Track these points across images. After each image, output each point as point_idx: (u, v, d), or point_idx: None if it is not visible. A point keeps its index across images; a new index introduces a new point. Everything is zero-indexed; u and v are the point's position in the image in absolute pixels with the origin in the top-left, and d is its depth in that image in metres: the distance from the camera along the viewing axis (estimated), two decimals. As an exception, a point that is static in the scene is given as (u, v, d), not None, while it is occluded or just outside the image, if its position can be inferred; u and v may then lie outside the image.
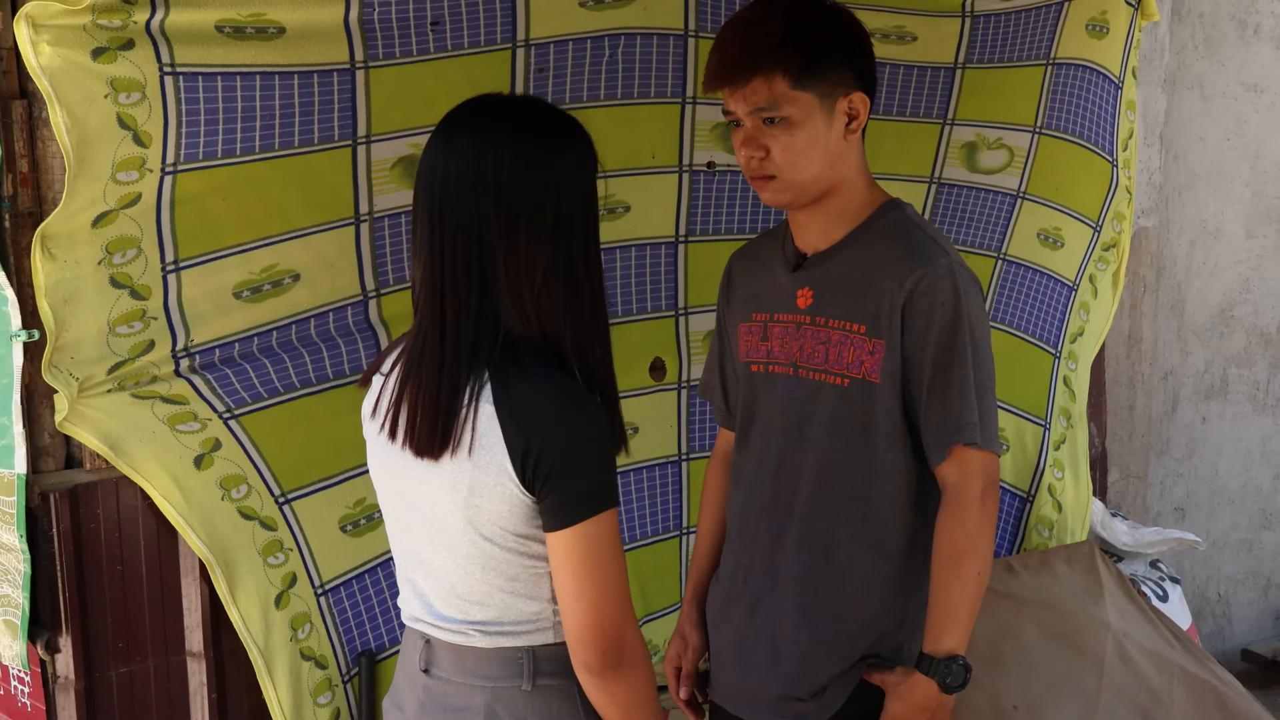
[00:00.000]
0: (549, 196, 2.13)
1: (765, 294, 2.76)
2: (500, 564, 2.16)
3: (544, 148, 2.15)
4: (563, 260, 2.14)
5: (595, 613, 2.10)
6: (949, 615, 2.57)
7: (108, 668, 3.14)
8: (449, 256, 2.12)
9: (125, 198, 2.63)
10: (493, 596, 2.19)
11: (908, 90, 3.72)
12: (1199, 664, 3.75)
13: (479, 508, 2.12)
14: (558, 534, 2.09)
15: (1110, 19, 3.61)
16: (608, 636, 2.11)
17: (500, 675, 2.22)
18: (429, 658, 2.28)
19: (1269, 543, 5.80)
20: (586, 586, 2.09)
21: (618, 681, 2.14)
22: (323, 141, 2.92)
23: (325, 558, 3.13)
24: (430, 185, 2.15)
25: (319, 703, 3.11)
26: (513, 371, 2.11)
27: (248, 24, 2.65)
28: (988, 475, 2.60)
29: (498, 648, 2.21)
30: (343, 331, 3.12)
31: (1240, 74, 5.27)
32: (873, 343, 2.58)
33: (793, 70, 2.52)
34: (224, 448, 2.95)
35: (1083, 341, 4.04)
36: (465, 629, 2.22)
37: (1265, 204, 5.46)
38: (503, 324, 2.13)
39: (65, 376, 2.70)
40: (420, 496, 2.20)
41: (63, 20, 2.42)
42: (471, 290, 2.12)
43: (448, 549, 2.19)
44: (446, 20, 2.96)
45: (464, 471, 2.11)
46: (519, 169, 2.11)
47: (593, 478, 2.11)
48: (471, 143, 2.13)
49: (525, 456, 2.06)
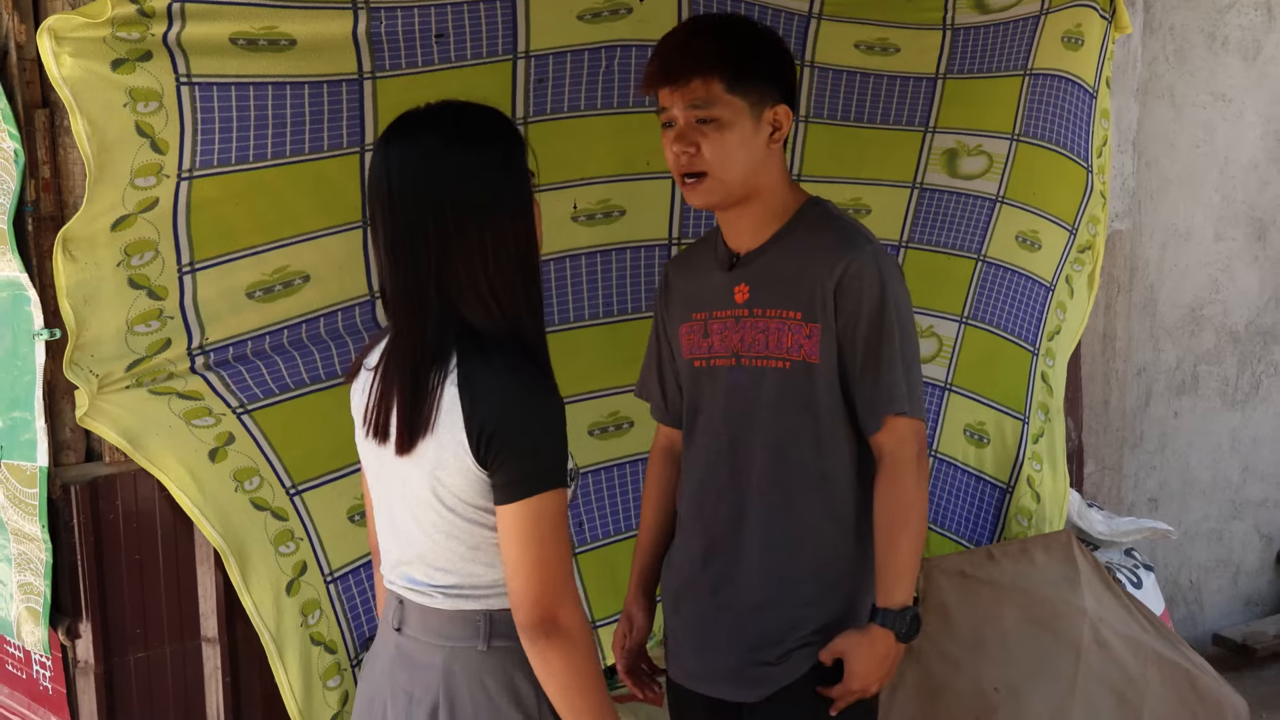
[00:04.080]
0: (482, 190, 2.20)
1: (703, 295, 2.82)
2: (462, 533, 2.24)
3: (471, 146, 2.22)
4: (507, 249, 2.21)
5: (531, 583, 2.17)
6: (898, 571, 2.68)
7: (126, 653, 3.14)
8: (404, 260, 2.20)
9: (143, 202, 2.64)
10: (455, 564, 2.26)
11: (891, 99, 3.73)
12: (1172, 648, 3.76)
13: (441, 480, 2.20)
14: (504, 507, 2.17)
15: (1085, 31, 3.62)
16: (540, 606, 2.17)
17: (459, 636, 2.29)
18: (401, 617, 2.36)
19: (1238, 532, 5.81)
20: (525, 558, 2.16)
21: (550, 650, 2.19)
22: (332, 148, 2.93)
23: (334, 547, 3.14)
24: (376, 195, 2.22)
25: (328, 686, 3.12)
26: (477, 358, 2.18)
27: (260, 36, 2.66)
28: (919, 440, 2.72)
29: (458, 610, 2.28)
30: (350, 330, 3.13)
31: (1209, 84, 5.28)
32: (809, 327, 2.67)
33: (728, 75, 2.62)
34: (237, 441, 2.96)
35: (1060, 339, 4.05)
36: (430, 591, 2.29)
37: (1233, 208, 5.47)
38: (465, 318, 2.20)
39: (85, 373, 2.71)
40: (396, 471, 2.27)
41: (83, 33, 2.43)
42: (428, 290, 2.19)
43: (417, 519, 2.27)
44: (450, 33, 2.97)
45: (430, 448, 2.19)
46: (450, 169, 2.19)
47: (539, 458, 2.18)
48: (405, 151, 2.21)
49: (480, 434, 2.15)
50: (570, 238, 3.47)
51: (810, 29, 3.55)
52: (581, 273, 3.52)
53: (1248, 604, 5.91)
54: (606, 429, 3.66)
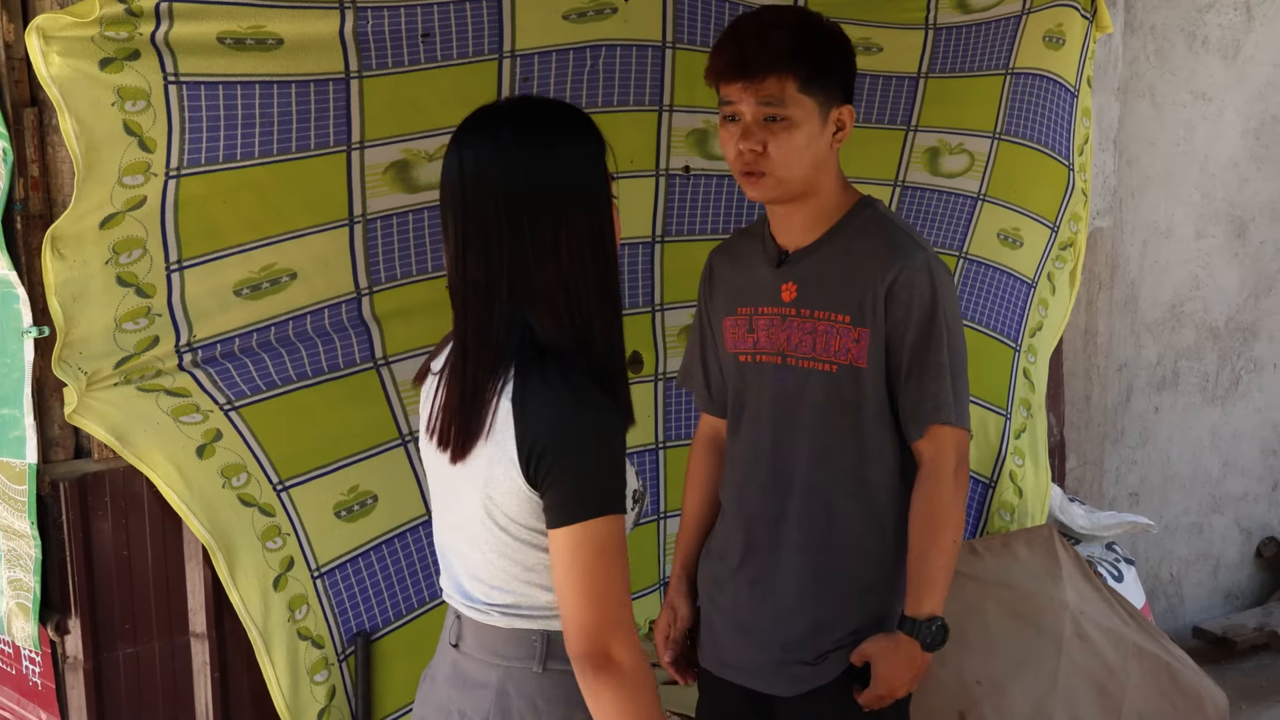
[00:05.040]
0: (557, 187, 2.09)
1: (749, 289, 2.80)
2: (516, 553, 2.13)
3: (547, 141, 2.10)
4: (581, 250, 2.09)
5: (581, 613, 2.04)
6: (928, 580, 2.67)
7: (115, 648, 3.14)
8: (474, 258, 2.08)
9: (131, 200, 2.64)
10: (510, 583, 2.16)
11: (873, 98, 3.73)
12: (1152, 640, 3.77)
13: (492, 499, 2.10)
14: (554, 531, 2.05)
15: (1066, 31, 3.64)
16: (590, 638, 2.04)
17: (514, 655, 2.19)
18: (458, 632, 2.27)
19: (1218, 526, 5.83)
20: (575, 586, 2.04)
21: (600, 684, 2.05)
22: (319, 147, 2.93)
23: (321, 542, 3.14)
24: (448, 191, 2.12)
25: (315, 680, 3.12)
26: (534, 370, 2.06)
27: (248, 36, 2.66)
28: (960, 451, 2.70)
29: (514, 629, 2.18)
30: (337, 327, 3.13)
31: (1189, 83, 5.30)
32: (857, 331, 2.66)
33: (802, 75, 2.59)
34: (225, 438, 2.96)
35: (1041, 336, 4.06)
36: (487, 610, 2.19)
37: (1213, 206, 5.49)
38: (533, 324, 2.08)
39: (74, 371, 2.71)
40: (453, 485, 2.19)
41: (72, 32, 2.43)
42: (499, 289, 2.07)
43: (470, 535, 2.17)
44: (437, 32, 2.97)
45: (482, 463, 2.09)
46: (524, 164, 2.07)
47: (592, 480, 2.05)
48: (480, 148, 2.09)
49: (530, 452, 2.03)
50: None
51: (794, 28, 3.55)
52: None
53: (1227, 597, 5.93)
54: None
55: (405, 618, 3.33)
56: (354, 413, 3.21)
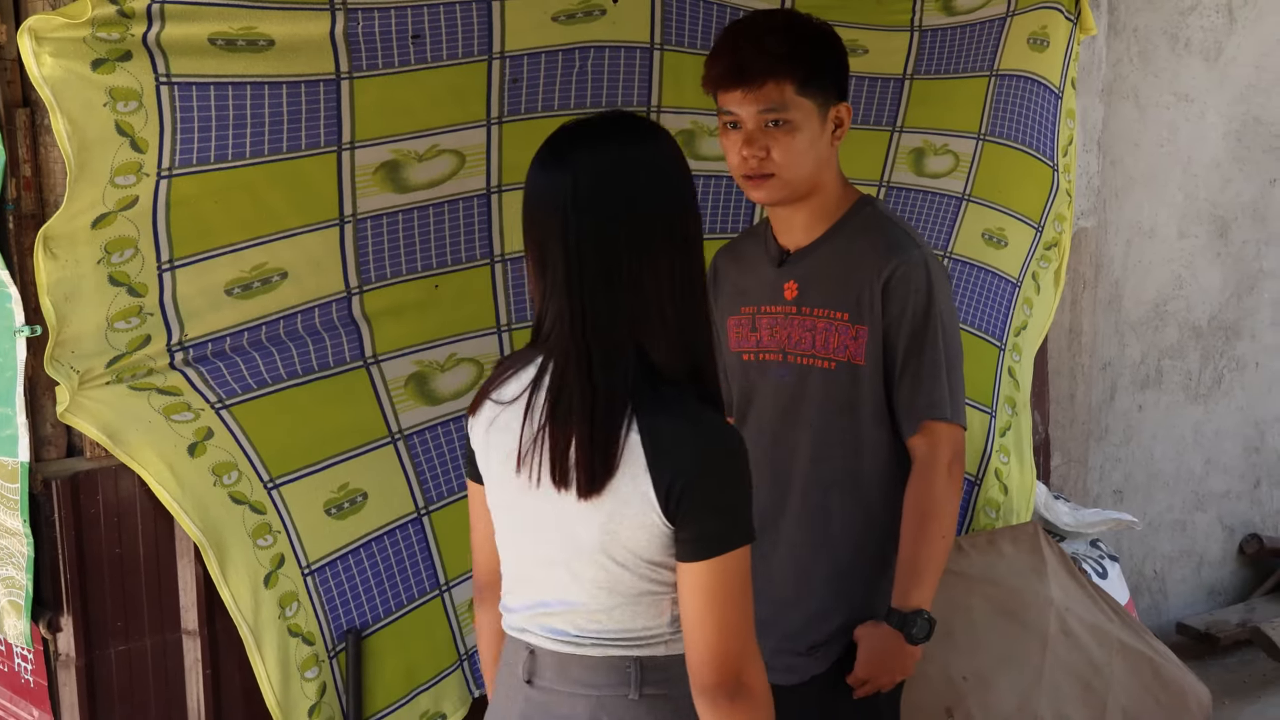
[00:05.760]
0: (675, 213, 2.02)
1: (752, 288, 2.83)
2: (626, 586, 2.04)
3: (657, 163, 2.03)
4: (692, 280, 2.03)
5: (717, 643, 1.98)
6: (915, 573, 2.69)
7: (107, 645, 3.14)
8: (591, 288, 1.97)
9: (123, 200, 2.64)
10: (612, 614, 2.06)
11: (859, 99, 3.74)
12: (1136, 636, 3.79)
13: (616, 533, 1.99)
14: (691, 565, 1.98)
15: (1050, 33, 3.65)
16: (726, 667, 1.99)
17: (606, 684, 2.08)
18: (532, 668, 2.14)
19: (1201, 523, 5.84)
20: (711, 617, 1.98)
21: (734, 711, 1.99)
22: (310, 147, 2.93)
23: (311, 539, 3.14)
24: (549, 214, 2.00)
25: (306, 677, 3.12)
26: (657, 403, 1.98)
27: (239, 37, 2.66)
28: (954, 446, 2.72)
29: (606, 657, 2.08)
30: (327, 326, 3.13)
31: (1172, 85, 5.31)
32: (855, 328, 2.68)
33: (800, 77, 2.61)
34: (216, 436, 2.96)
35: (1026, 335, 4.07)
36: (577, 640, 2.09)
37: (1196, 206, 5.50)
38: (648, 354, 1.99)
39: (66, 370, 2.71)
40: (551, 521, 2.05)
41: (64, 33, 2.43)
42: (620, 325, 1.97)
43: (574, 571, 2.06)
44: (427, 34, 2.98)
45: (606, 499, 1.98)
46: (645, 187, 2.00)
47: (732, 514, 2.00)
48: (593, 172, 1.98)
49: (670, 489, 1.95)
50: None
51: (781, 30, 3.56)
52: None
53: (1211, 593, 5.94)
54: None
55: (395, 614, 3.33)
56: (344, 411, 3.21)
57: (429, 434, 3.39)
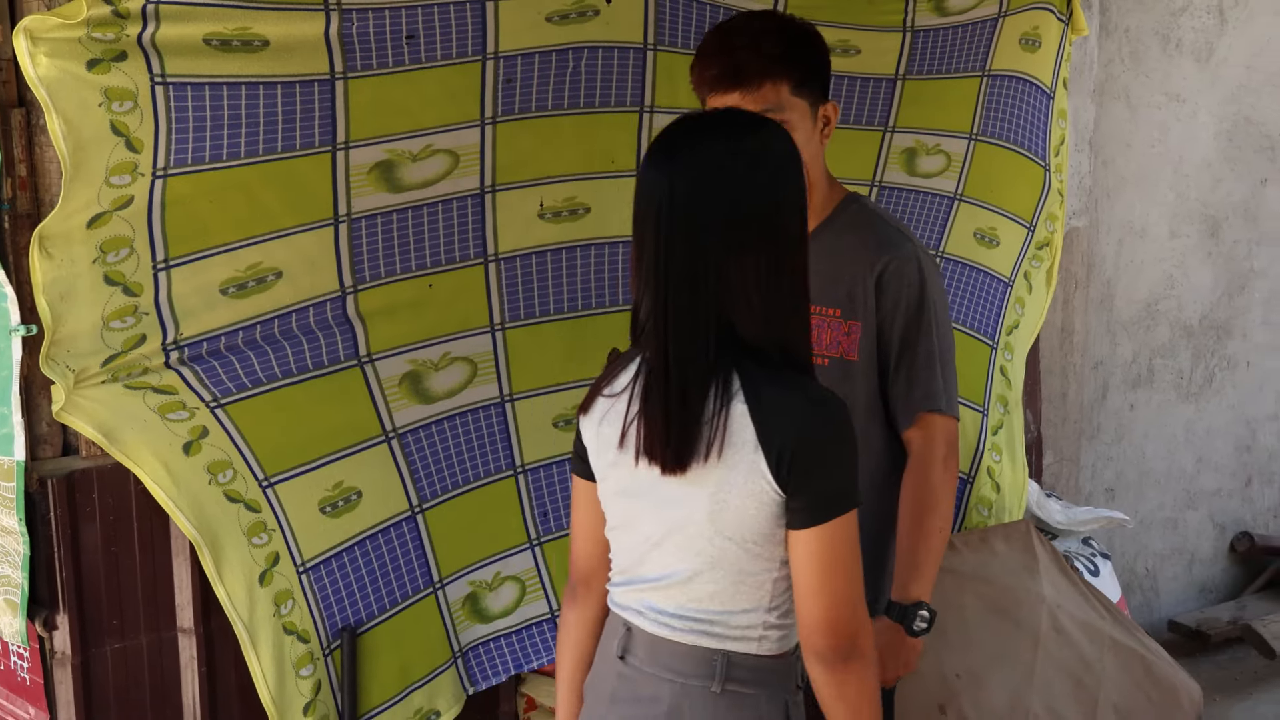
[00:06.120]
0: (773, 208, 2.09)
1: None
2: (732, 563, 2.09)
3: (763, 158, 2.09)
4: (786, 267, 2.10)
5: (831, 608, 2.04)
6: (914, 566, 2.70)
7: (103, 643, 3.14)
8: (678, 273, 2.04)
9: (118, 200, 2.64)
10: (714, 595, 2.11)
11: (851, 99, 3.75)
12: (1128, 634, 3.79)
13: (725, 504, 2.05)
14: (804, 532, 2.03)
15: (1042, 34, 3.65)
16: (840, 630, 2.05)
17: (690, 673, 2.14)
18: (626, 645, 2.20)
19: (1192, 521, 5.85)
20: (826, 583, 2.04)
21: (847, 674, 2.07)
22: (304, 147, 2.93)
23: (306, 538, 3.14)
24: (651, 207, 2.06)
25: (301, 674, 3.12)
26: (758, 374, 2.04)
27: (234, 37, 2.66)
28: (949, 439, 2.73)
29: (694, 646, 2.13)
30: (322, 325, 3.14)
31: (1164, 85, 5.32)
32: (848, 324, 2.69)
33: (795, 78, 2.62)
34: (211, 435, 2.96)
35: (1018, 334, 4.07)
36: (671, 621, 2.14)
37: (1187, 206, 5.51)
38: (736, 330, 2.05)
39: (62, 369, 2.71)
40: (664, 496, 2.11)
41: (59, 33, 2.43)
42: (709, 308, 2.04)
43: (681, 546, 2.11)
44: (421, 34, 2.98)
45: (712, 471, 2.04)
46: (736, 179, 2.05)
47: (842, 478, 2.06)
48: (691, 166, 2.05)
49: (780, 456, 2.01)
50: (537, 235, 3.48)
51: (774, 30, 3.57)
52: (547, 269, 3.53)
53: (1202, 591, 5.96)
54: (571, 421, 3.66)
55: (389, 611, 3.33)
56: (338, 410, 3.21)
57: (422, 432, 3.40)
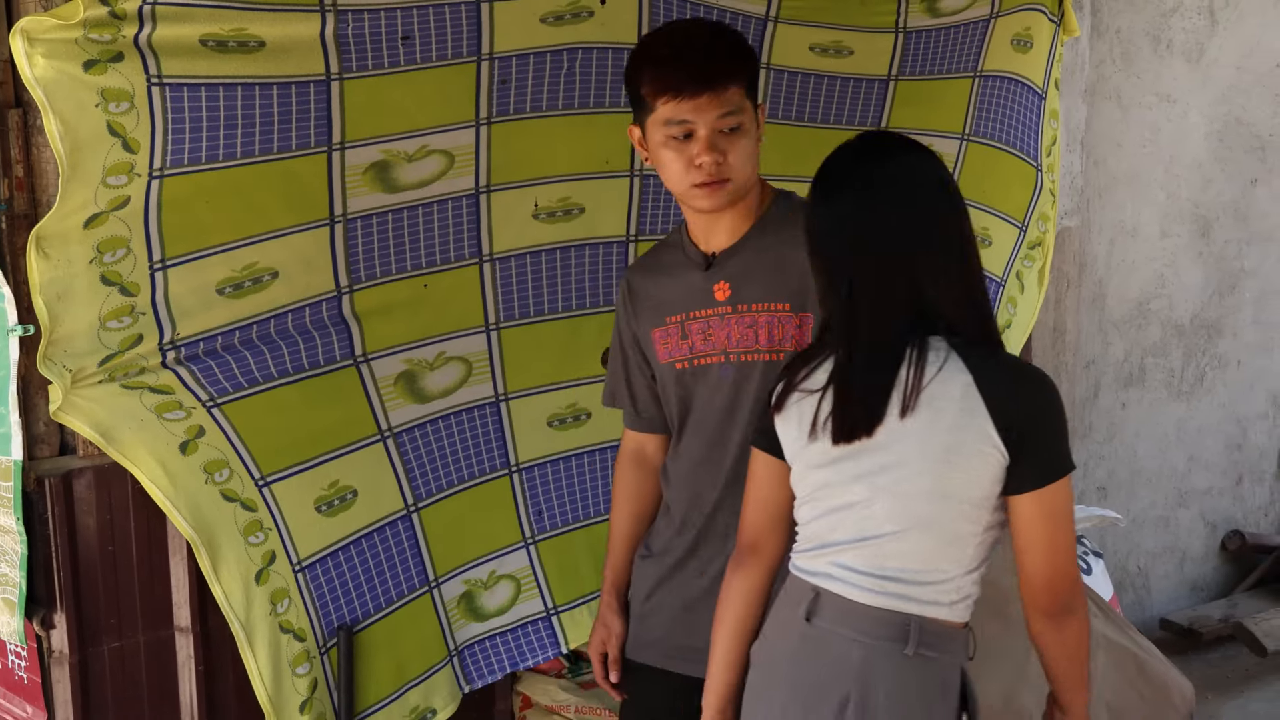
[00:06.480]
0: (943, 202, 2.29)
1: (677, 297, 2.80)
2: (946, 524, 2.24)
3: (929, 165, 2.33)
4: (965, 248, 2.29)
5: (1057, 565, 2.22)
6: None
7: (100, 642, 3.15)
8: (889, 275, 2.25)
9: (115, 200, 2.64)
10: (918, 556, 2.25)
11: (844, 100, 3.75)
12: (1120, 632, 3.79)
13: (954, 465, 2.20)
14: (1031, 494, 2.20)
15: (1034, 35, 3.66)
16: (1063, 585, 2.24)
17: (883, 635, 2.25)
18: (813, 608, 2.32)
19: (1184, 519, 5.87)
20: (1051, 541, 2.22)
21: (1067, 628, 2.27)
22: (300, 148, 2.93)
23: (302, 536, 3.14)
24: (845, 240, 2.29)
25: (297, 673, 3.12)
26: (968, 348, 2.23)
27: (230, 38, 2.66)
28: None
29: (888, 610, 2.26)
30: (318, 325, 3.14)
31: (1154, 85, 5.34)
32: (799, 317, 2.69)
33: (747, 81, 2.64)
34: (207, 434, 2.96)
35: (1010, 334, 4.08)
36: (866, 582, 2.27)
37: (1178, 206, 5.53)
38: (939, 309, 2.25)
39: (59, 369, 2.70)
40: (866, 463, 2.26)
41: (56, 34, 2.43)
42: (908, 300, 2.25)
43: (889, 509, 2.25)
44: (416, 35, 2.98)
45: (940, 437, 2.20)
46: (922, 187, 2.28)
47: (1062, 442, 2.24)
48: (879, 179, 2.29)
49: (1009, 422, 2.18)
50: (532, 235, 3.48)
51: (767, 32, 3.57)
52: (542, 269, 3.53)
53: (1193, 589, 5.97)
54: (565, 420, 3.67)
55: (385, 610, 3.34)
56: (334, 409, 3.21)
57: (418, 432, 3.40)
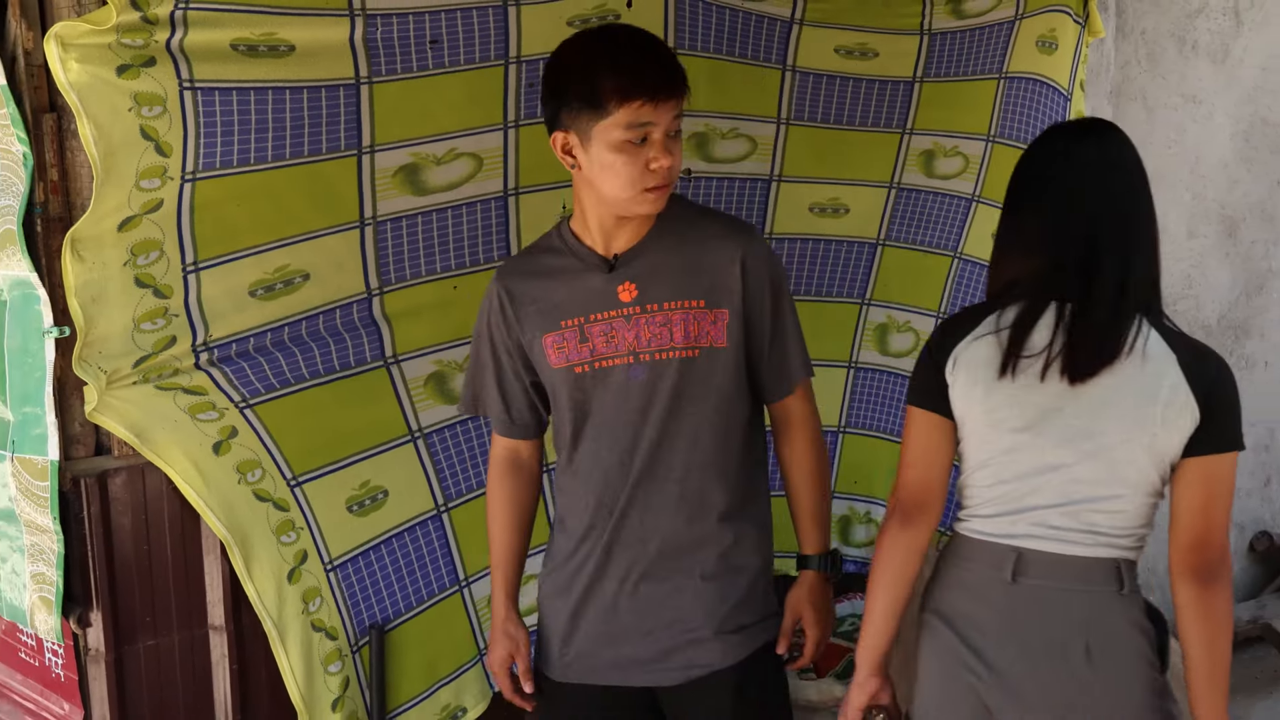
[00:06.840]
0: (1144, 179, 2.60)
1: (574, 300, 2.71)
2: (1151, 484, 2.41)
3: (1131, 148, 2.62)
4: (1154, 226, 2.56)
5: (1212, 530, 2.37)
6: (820, 520, 2.84)
7: (136, 640, 3.16)
8: (1110, 239, 2.48)
9: (148, 204, 2.66)
10: (1126, 514, 2.43)
11: (870, 102, 3.76)
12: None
13: (1162, 421, 2.36)
14: (1206, 457, 2.37)
15: (1059, 36, 3.65)
16: (1216, 546, 2.37)
17: (1101, 580, 2.43)
18: (1018, 569, 2.47)
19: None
20: (1213, 505, 2.37)
21: (1217, 591, 2.37)
22: (330, 151, 2.95)
23: (334, 536, 3.17)
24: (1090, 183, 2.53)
25: (329, 671, 3.14)
26: (1162, 324, 2.43)
27: (260, 43, 2.69)
28: (814, 397, 2.87)
29: (1098, 558, 2.43)
30: (348, 326, 3.16)
31: (1180, 86, 5.32)
32: (714, 313, 2.67)
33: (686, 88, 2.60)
34: (240, 435, 2.99)
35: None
36: (1078, 537, 2.43)
37: (1204, 206, 5.51)
38: (1142, 280, 2.46)
39: (94, 370, 2.73)
40: (1073, 429, 2.41)
41: (89, 39, 2.45)
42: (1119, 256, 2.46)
43: (1098, 472, 2.41)
44: (445, 39, 3.00)
45: (1154, 408, 2.36)
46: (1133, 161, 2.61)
47: (1239, 417, 2.40)
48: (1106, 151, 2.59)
49: (1207, 389, 2.35)
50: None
51: (793, 34, 3.58)
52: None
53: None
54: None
55: (415, 610, 3.35)
56: (365, 410, 3.23)
57: (448, 432, 3.42)
